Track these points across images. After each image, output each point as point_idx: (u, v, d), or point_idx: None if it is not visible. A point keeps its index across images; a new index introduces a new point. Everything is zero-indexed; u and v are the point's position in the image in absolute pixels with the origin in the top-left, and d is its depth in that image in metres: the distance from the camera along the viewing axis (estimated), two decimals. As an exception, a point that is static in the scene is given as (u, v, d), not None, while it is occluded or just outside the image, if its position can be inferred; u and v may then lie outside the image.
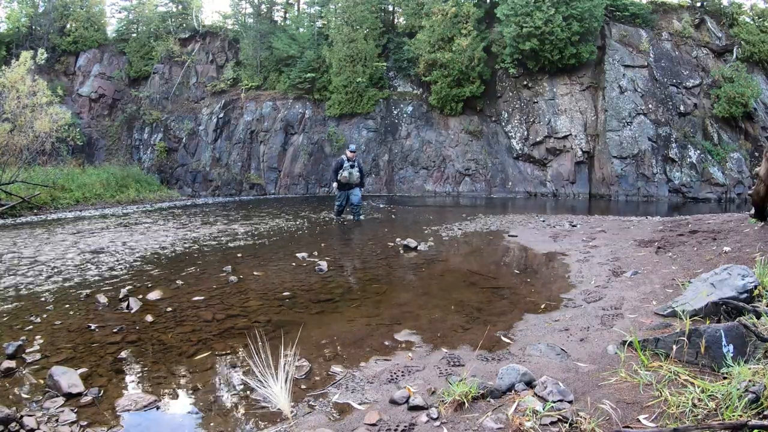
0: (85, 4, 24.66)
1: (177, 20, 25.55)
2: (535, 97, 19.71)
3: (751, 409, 1.70)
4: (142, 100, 23.59)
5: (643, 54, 19.14)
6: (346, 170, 10.12)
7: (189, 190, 21.86)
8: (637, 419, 1.83)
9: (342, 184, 10.32)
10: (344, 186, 10.37)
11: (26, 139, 13.48)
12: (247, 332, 3.43)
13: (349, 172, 10.13)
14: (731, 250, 4.53)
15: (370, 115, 21.20)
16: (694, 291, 3.08)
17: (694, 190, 17.74)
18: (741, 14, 19.82)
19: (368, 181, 20.90)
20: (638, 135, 18.21)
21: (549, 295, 4.23)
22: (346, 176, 10.14)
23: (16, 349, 2.98)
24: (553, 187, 19.35)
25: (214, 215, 12.31)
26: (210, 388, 2.61)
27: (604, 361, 2.50)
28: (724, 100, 17.93)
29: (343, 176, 10.14)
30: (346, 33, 20.75)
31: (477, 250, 6.93)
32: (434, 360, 2.81)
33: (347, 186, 10.37)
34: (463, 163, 20.35)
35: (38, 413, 2.26)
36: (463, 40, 18.94)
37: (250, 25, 24.28)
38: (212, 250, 6.94)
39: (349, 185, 10.35)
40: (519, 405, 2.02)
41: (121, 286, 4.65)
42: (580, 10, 17.61)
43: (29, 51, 14.48)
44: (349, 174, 10.14)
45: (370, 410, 2.21)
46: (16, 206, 12.38)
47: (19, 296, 4.43)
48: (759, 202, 5.14)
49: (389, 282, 5.00)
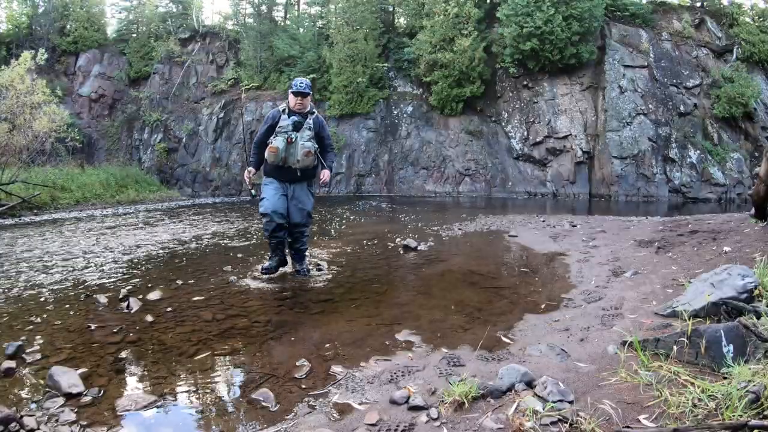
0: (85, 4, 24.67)
1: (177, 20, 25.56)
2: (535, 97, 19.72)
3: (751, 409, 1.70)
4: (142, 100, 23.59)
5: (643, 54, 19.14)
6: (281, 135, 4.67)
7: (189, 190, 21.87)
8: (638, 419, 1.83)
9: (273, 168, 4.80)
10: (278, 173, 4.82)
11: (25, 139, 13.48)
12: (247, 332, 3.43)
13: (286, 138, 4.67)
14: (731, 250, 4.53)
15: (370, 116, 21.21)
16: (694, 291, 3.08)
17: (694, 190, 17.74)
18: (741, 14, 19.84)
19: (368, 181, 20.96)
20: (638, 135, 18.21)
21: (549, 295, 4.23)
22: (277, 148, 4.64)
23: (16, 349, 2.98)
24: (553, 187, 19.34)
25: (214, 215, 12.31)
26: (210, 388, 2.61)
27: (604, 361, 2.50)
28: (724, 100, 17.93)
29: (272, 148, 4.66)
30: (347, 33, 20.76)
31: (477, 250, 6.93)
32: (434, 360, 2.80)
33: (285, 173, 4.81)
34: (463, 163, 20.35)
35: (38, 413, 2.25)
36: (464, 40, 18.95)
37: (250, 26, 24.30)
38: (212, 250, 6.94)
39: (288, 171, 4.80)
40: (519, 405, 2.02)
41: (121, 286, 4.65)
42: (580, 10, 17.62)
43: (30, 51, 14.47)
44: (286, 145, 4.67)
45: (370, 410, 2.21)
46: (16, 206, 12.37)
47: (19, 296, 4.43)
48: (759, 202, 5.14)
49: (389, 282, 5.00)
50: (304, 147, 4.74)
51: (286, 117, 4.78)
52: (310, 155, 4.79)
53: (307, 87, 4.80)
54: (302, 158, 4.76)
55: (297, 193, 4.94)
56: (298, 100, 4.78)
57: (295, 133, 4.73)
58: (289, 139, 4.71)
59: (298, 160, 4.76)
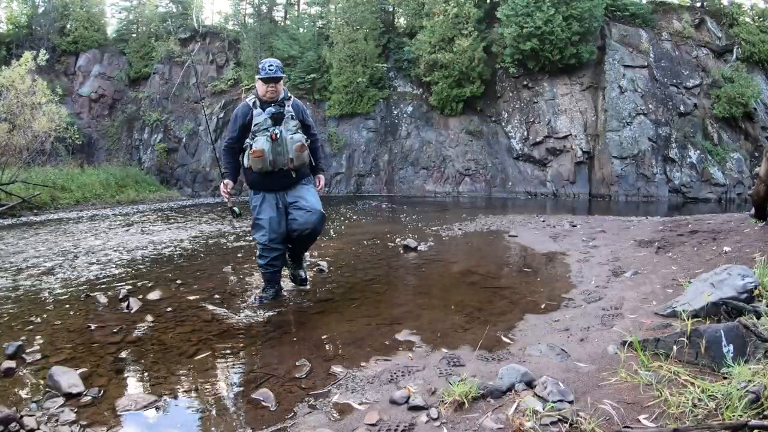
0: (85, 4, 24.67)
1: (177, 20, 25.56)
2: (535, 97, 19.71)
3: (751, 409, 1.70)
4: (142, 100, 23.59)
5: (643, 54, 19.14)
6: (261, 134, 3.85)
7: (189, 190, 21.87)
8: (638, 419, 1.83)
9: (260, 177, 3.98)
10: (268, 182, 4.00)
11: (25, 138, 13.48)
12: (247, 332, 3.43)
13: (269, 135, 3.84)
14: (731, 250, 4.53)
15: (370, 116, 21.21)
16: (694, 291, 3.08)
17: (694, 190, 17.74)
18: (741, 14, 19.83)
19: (368, 181, 20.97)
20: (638, 135, 18.21)
21: (549, 295, 4.23)
22: (263, 151, 3.83)
23: (16, 349, 2.98)
24: (553, 188, 19.34)
25: (214, 215, 12.31)
26: (210, 388, 2.61)
27: (604, 361, 2.50)
28: (724, 100, 17.93)
29: (256, 152, 3.84)
30: (347, 33, 20.77)
31: (477, 250, 6.93)
32: (434, 360, 2.81)
33: (277, 180, 3.99)
34: (463, 163, 20.35)
35: (38, 413, 2.26)
36: (464, 40, 18.95)
37: (250, 26, 24.31)
38: (212, 250, 6.94)
39: (281, 177, 3.99)
40: (519, 405, 2.02)
41: (121, 286, 4.65)
42: (580, 10, 17.62)
43: (31, 51, 14.48)
44: (272, 144, 3.84)
45: (370, 410, 2.21)
46: (16, 206, 12.38)
47: (19, 296, 4.43)
48: (759, 202, 5.14)
49: (389, 282, 5.00)
50: (294, 141, 3.89)
51: (259, 111, 3.87)
52: (303, 149, 3.96)
53: (279, 69, 3.89)
54: (295, 155, 3.90)
55: (297, 195, 4.02)
56: (270, 87, 3.88)
57: (278, 127, 3.85)
58: (273, 135, 3.81)
59: (291, 159, 3.89)
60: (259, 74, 3.90)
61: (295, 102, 4.07)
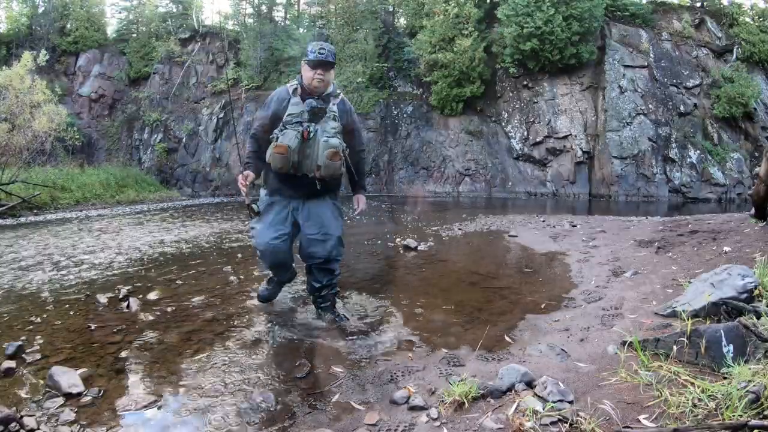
0: (85, 4, 24.68)
1: (177, 20, 25.56)
2: (535, 97, 19.72)
3: (751, 409, 1.70)
4: (142, 100, 23.59)
5: (643, 54, 19.15)
6: (292, 128, 3.15)
7: (189, 190, 21.87)
8: (638, 419, 1.83)
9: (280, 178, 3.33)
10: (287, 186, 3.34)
11: (25, 138, 13.48)
12: (247, 332, 3.43)
13: (301, 132, 3.13)
14: (731, 250, 4.53)
15: (370, 116, 21.20)
16: (694, 291, 3.08)
17: (694, 190, 17.74)
18: (741, 14, 19.84)
19: (368, 181, 20.95)
20: (638, 135, 18.21)
21: (549, 295, 4.23)
22: (287, 148, 3.12)
23: (16, 349, 2.98)
24: (553, 188, 19.34)
25: (214, 215, 12.31)
26: (210, 387, 2.61)
27: (604, 361, 2.50)
28: (724, 100, 17.94)
29: (280, 147, 3.13)
30: (347, 33, 20.77)
31: (477, 250, 6.92)
32: (434, 360, 2.81)
33: (297, 185, 3.32)
34: (463, 163, 20.35)
35: (38, 413, 2.25)
36: (465, 40, 18.95)
37: (250, 26, 24.31)
38: (212, 250, 6.94)
39: (302, 183, 3.29)
40: (519, 405, 2.02)
41: (121, 286, 4.65)
42: (580, 10, 17.62)
43: (31, 52, 14.49)
44: (301, 142, 3.14)
45: (370, 410, 2.21)
46: (16, 206, 12.37)
47: (19, 296, 4.43)
48: (759, 202, 5.13)
49: (389, 282, 5.00)
50: (328, 146, 3.15)
51: (297, 100, 3.22)
52: (336, 158, 3.18)
53: (331, 54, 3.22)
54: (325, 162, 3.15)
55: (314, 211, 3.36)
56: (318, 73, 3.19)
57: (314, 125, 3.17)
58: (305, 133, 3.13)
59: (319, 166, 3.17)
60: (307, 56, 3.22)
61: (342, 101, 3.37)
